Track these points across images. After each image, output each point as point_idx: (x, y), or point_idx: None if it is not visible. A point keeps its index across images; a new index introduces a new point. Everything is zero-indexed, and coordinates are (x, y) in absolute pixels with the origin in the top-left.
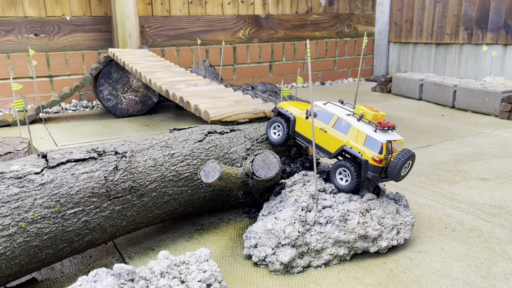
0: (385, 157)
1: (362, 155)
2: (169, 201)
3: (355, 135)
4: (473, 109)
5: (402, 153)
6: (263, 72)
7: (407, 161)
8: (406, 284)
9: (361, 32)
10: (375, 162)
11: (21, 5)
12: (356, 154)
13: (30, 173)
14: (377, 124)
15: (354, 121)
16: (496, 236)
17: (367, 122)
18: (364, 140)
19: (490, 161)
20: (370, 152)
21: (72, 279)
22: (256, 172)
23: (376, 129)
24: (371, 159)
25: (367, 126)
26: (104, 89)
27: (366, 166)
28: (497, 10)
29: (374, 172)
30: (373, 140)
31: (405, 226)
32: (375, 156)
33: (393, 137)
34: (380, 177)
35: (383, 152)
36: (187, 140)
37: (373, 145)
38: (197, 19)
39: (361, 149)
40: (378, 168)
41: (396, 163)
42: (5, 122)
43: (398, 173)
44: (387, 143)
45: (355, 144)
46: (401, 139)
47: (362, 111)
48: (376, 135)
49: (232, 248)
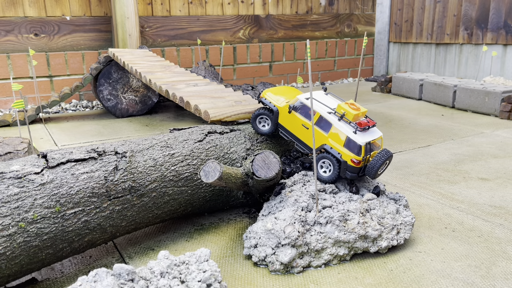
0: (363, 158)
1: (341, 156)
2: (169, 201)
3: (335, 135)
4: (473, 109)
5: (380, 154)
6: (263, 72)
7: (384, 162)
8: (406, 284)
9: (361, 32)
10: (353, 164)
11: (21, 5)
12: (336, 154)
13: (30, 173)
14: (357, 126)
15: (335, 121)
16: (496, 236)
17: (348, 122)
18: (344, 141)
19: (490, 161)
20: (349, 154)
21: (72, 279)
22: (256, 172)
23: (356, 130)
24: (350, 160)
25: (348, 126)
26: (104, 89)
27: (345, 166)
28: (497, 10)
29: (352, 172)
30: (353, 142)
31: (405, 226)
32: (354, 158)
33: (372, 136)
34: (358, 176)
35: (361, 154)
36: (187, 140)
37: (353, 147)
38: (197, 19)
39: (341, 150)
40: (356, 168)
41: (374, 164)
42: (5, 122)
43: (375, 173)
44: (366, 145)
45: (335, 144)
46: (380, 136)
47: (344, 111)
48: (356, 137)
49: (232, 248)
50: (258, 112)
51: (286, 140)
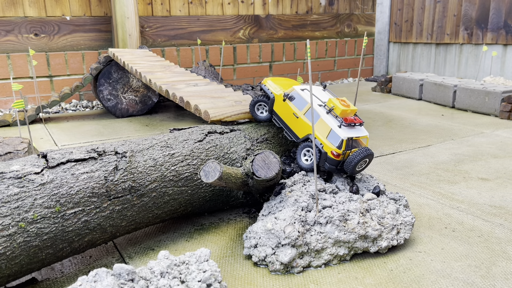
0: (343, 152)
1: (323, 147)
2: (169, 201)
3: (321, 127)
4: (473, 109)
5: (360, 151)
6: (263, 72)
7: (363, 159)
8: (406, 284)
9: (361, 32)
10: (333, 156)
11: (21, 5)
12: (318, 145)
13: (30, 173)
14: (343, 120)
15: (323, 113)
16: (496, 236)
17: (335, 116)
18: (328, 133)
19: (490, 161)
20: (331, 146)
21: (72, 279)
22: (256, 172)
23: (341, 125)
24: (330, 152)
25: (334, 120)
26: (104, 89)
27: (325, 157)
28: (497, 10)
29: (331, 164)
30: (335, 135)
31: (405, 226)
32: (334, 150)
33: (357, 134)
34: (336, 169)
35: (342, 147)
36: (187, 140)
37: (335, 140)
38: (197, 19)
39: (323, 141)
40: (335, 161)
41: (352, 159)
42: (5, 122)
43: (353, 168)
44: (348, 140)
45: (319, 135)
46: (366, 135)
47: (333, 105)
48: (339, 130)
49: (232, 248)
50: (256, 99)
51: (286, 140)
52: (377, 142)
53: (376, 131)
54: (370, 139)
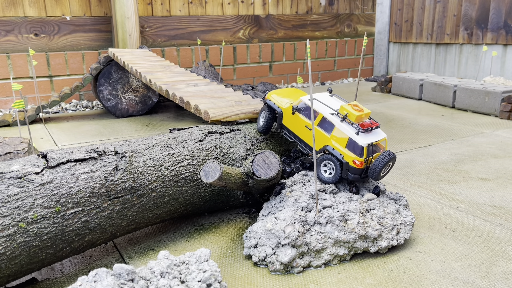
0: (365, 159)
1: (343, 157)
2: (169, 201)
3: (337, 136)
4: (473, 109)
5: (383, 156)
6: (263, 72)
7: (387, 163)
8: (406, 284)
9: (361, 32)
10: (355, 165)
11: (21, 5)
12: (338, 156)
13: (30, 173)
14: (359, 127)
15: (337, 122)
16: (496, 236)
17: (350, 123)
18: (346, 142)
19: (490, 161)
20: (351, 155)
21: (72, 279)
22: (256, 172)
23: (359, 132)
24: (352, 161)
25: (350, 127)
26: (104, 89)
27: (347, 168)
28: (497, 10)
29: (354, 173)
30: (355, 144)
31: (405, 226)
32: (356, 159)
33: (375, 138)
34: (360, 177)
35: (363, 155)
36: (187, 140)
37: (355, 148)
38: (197, 19)
39: (343, 151)
40: (358, 170)
41: (376, 165)
42: (5, 122)
43: (378, 174)
44: (368, 146)
45: (337, 145)
46: (384, 138)
47: (346, 112)
48: (358, 138)
49: (232, 248)
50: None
51: (286, 140)
52: None
53: None
54: None
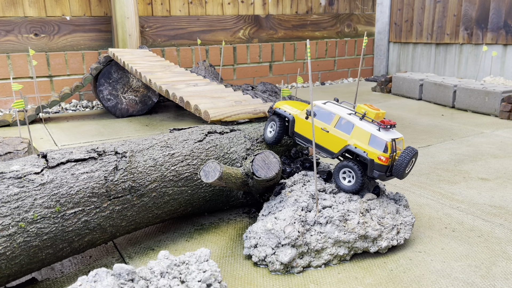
0: (390, 155)
1: (367, 155)
2: (169, 201)
3: (359, 135)
4: (473, 109)
5: (406, 151)
6: (263, 72)
7: (411, 158)
8: (406, 284)
9: (361, 32)
10: (380, 161)
11: (21, 5)
12: (361, 153)
13: (30, 173)
14: (380, 123)
15: (357, 120)
16: (496, 236)
17: (369, 121)
18: (369, 139)
19: (490, 161)
20: (376, 151)
21: (72, 279)
22: (256, 172)
23: (380, 128)
24: (377, 158)
25: (370, 125)
26: (104, 89)
27: (372, 165)
28: (497, 10)
29: (380, 171)
30: (378, 139)
31: (405, 226)
32: (381, 155)
33: (395, 135)
34: (386, 176)
35: (388, 151)
36: (187, 140)
37: (378, 144)
38: (197, 19)
39: (366, 148)
40: (383, 166)
41: (401, 161)
42: (5, 122)
43: (403, 171)
44: (392, 141)
45: (359, 144)
46: (401, 137)
47: (364, 110)
48: (380, 134)
49: (232, 248)
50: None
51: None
52: None
53: None
54: None
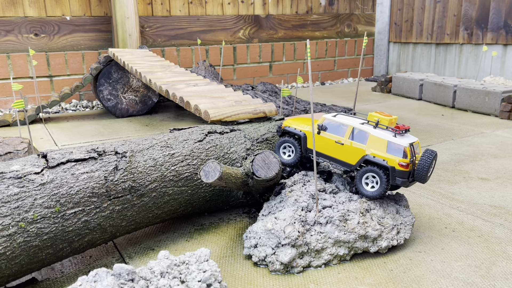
0: (410, 161)
1: (387, 162)
2: (169, 201)
3: (375, 143)
4: (473, 109)
5: (427, 154)
6: (263, 72)
7: (432, 161)
8: (406, 284)
9: (361, 32)
10: (402, 168)
11: (21, 5)
12: (381, 162)
13: (30, 173)
14: (395, 129)
15: (371, 129)
16: (496, 236)
17: (384, 128)
18: (386, 146)
19: (490, 161)
20: (395, 158)
21: (72, 279)
22: (256, 172)
23: (395, 134)
24: (398, 164)
25: (385, 132)
26: (104, 89)
27: (394, 172)
28: (497, 10)
29: (402, 177)
30: (395, 146)
31: (405, 226)
32: (401, 161)
33: (411, 140)
34: (408, 181)
35: (407, 156)
36: (187, 140)
37: (396, 151)
38: (197, 19)
39: (385, 156)
40: (405, 173)
41: (423, 165)
42: (5, 122)
43: (426, 175)
44: (410, 146)
45: (377, 153)
46: (417, 140)
47: (377, 118)
48: (397, 140)
49: (232, 248)
50: (283, 140)
51: None
52: None
53: None
54: None
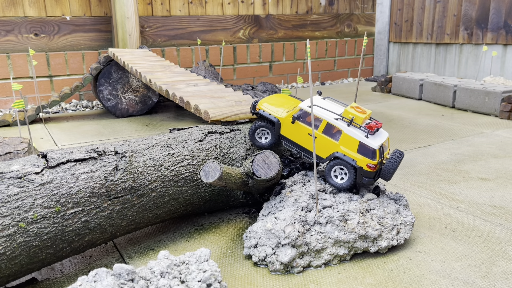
0: (378, 162)
1: (356, 163)
2: (169, 201)
3: (347, 142)
4: (473, 109)
5: (394, 156)
6: (263, 72)
7: (400, 162)
8: (406, 284)
9: (361, 32)
10: (369, 169)
11: (21, 5)
12: (351, 161)
13: (30, 173)
14: (367, 129)
15: (344, 127)
16: (496, 236)
17: (357, 126)
18: (357, 147)
19: (490, 161)
20: (364, 160)
21: (72, 279)
22: (256, 172)
23: (368, 135)
24: (366, 165)
25: (359, 131)
26: (104, 89)
27: (361, 172)
28: (497, 10)
29: (368, 177)
30: (366, 147)
31: (405, 226)
32: (370, 163)
33: (382, 138)
34: (373, 180)
35: (376, 158)
36: (187, 140)
37: (367, 152)
38: (197, 19)
39: (355, 156)
40: (372, 173)
41: (390, 166)
42: (5, 122)
43: (391, 175)
44: (379, 148)
45: (348, 151)
46: (387, 137)
47: (352, 116)
48: (368, 141)
49: (232, 248)
50: (257, 124)
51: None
52: None
53: None
54: None
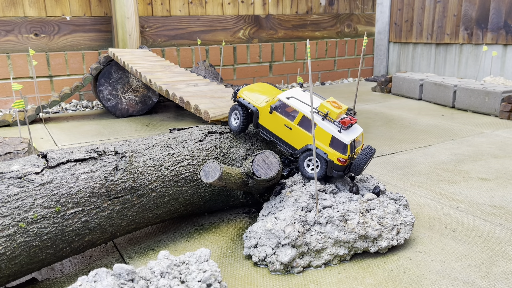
0: (349, 157)
1: (327, 156)
2: (169, 201)
3: (320, 135)
4: (473, 109)
5: (365, 152)
6: (263, 72)
7: (370, 158)
8: (406, 284)
9: (361, 32)
10: (340, 163)
11: (21, 5)
12: (322, 154)
13: (30, 173)
14: (341, 124)
15: (319, 120)
16: (496, 236)
17: (332, 121)
18: (330, 140)
19: (490, 161)
20: (335, 153)
21: (72, 279)
22: (256, 172)
23: (341, 129)
24: (337, 159)
25: (332, 125)
26: (104, 89)
27: (332, 165)
28: (497, 10)
29: (338, 170)
30: (338, 141)
31: (405, 226)
32: (340, 157)
33: (355, 134)
34: (344, 174)
35: (347, 152)
36: (187, 140)
37: (338, 146)
38: (197, 19)
39: (327, 149)
40: (342, 167)
41: (360, 161)
42: (5, 122)
43: (361, 170)
44: (351, 143)
45: (320, 144)
46: (361, 132)
47: (327, 110)
48: (341, 135)
49: (232, 248)
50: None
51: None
52: (377, 142)
53: (376, 131)
54: (370, 139)
